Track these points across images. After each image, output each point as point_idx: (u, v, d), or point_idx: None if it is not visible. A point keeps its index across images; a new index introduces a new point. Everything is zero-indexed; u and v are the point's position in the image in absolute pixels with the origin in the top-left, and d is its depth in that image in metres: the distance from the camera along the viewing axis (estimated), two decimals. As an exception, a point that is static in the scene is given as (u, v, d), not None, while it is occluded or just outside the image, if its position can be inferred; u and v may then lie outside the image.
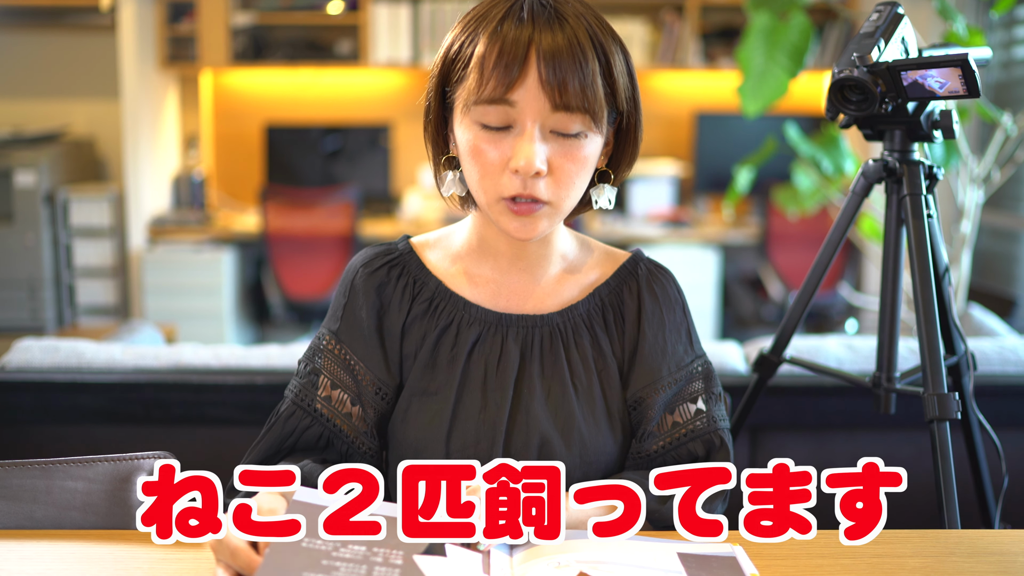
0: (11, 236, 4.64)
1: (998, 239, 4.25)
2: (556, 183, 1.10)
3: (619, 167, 1.19)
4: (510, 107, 1.07)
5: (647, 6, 5.00)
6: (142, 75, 4.75)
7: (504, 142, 1.09)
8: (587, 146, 1.10)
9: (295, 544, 0.92)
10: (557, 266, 1.24)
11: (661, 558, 1.00)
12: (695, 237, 4.78)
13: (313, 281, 4.58)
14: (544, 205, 1.10)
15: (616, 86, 1.10)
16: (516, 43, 1.05)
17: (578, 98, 1.06)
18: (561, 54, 1.05)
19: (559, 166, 1.09)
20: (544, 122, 1.07)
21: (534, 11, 1.08)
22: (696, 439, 1.21)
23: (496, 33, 1.07)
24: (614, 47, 1.10)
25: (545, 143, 1.08)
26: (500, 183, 1.10)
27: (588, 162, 1.11)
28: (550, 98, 1.06)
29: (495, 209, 1.12)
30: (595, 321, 1.23)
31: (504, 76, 1.05)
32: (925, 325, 1.43)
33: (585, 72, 1.06)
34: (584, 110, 1.07)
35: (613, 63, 1.09)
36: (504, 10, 1.08)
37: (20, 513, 1.11)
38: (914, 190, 1.47)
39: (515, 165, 1.07)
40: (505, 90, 1.06)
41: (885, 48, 1.41)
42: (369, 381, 1.20)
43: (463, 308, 1.22)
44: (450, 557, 0.94)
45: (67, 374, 1.90)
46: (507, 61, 1.05)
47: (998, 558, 1.04)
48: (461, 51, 1.10)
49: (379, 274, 1.24)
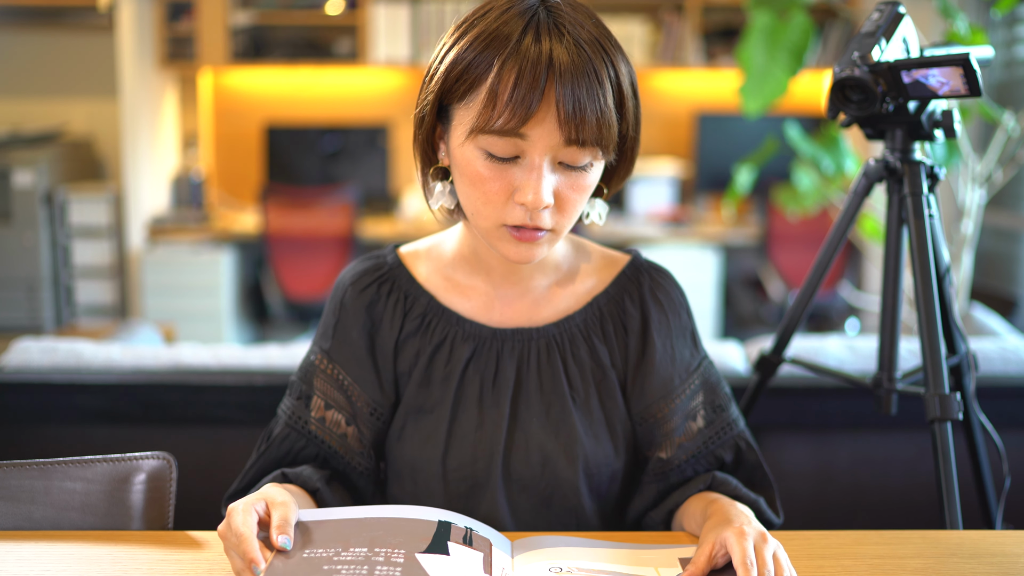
0: (9, 236, 4.64)
1: (1000, 239, 4.24)
2: (560, 212, 1.07)
3: (613, 182, 1.16)
4: (521, 140, 1.02)
5: (647, 6, 4.99)
6: (141, 74, 4.75)
7: (510, 172, 1.04)
8: (592, 174, 1.07)
9: (295, 557, 0.92)
10: (551, 276, 1.21)
11: (662, 562, 0.99)
12: (695, 237, 4.77)
13: (312, 281, 4.58)
14: (546, 232, 1.08)
15: (626, 114, 1.06)
16: (534, 74, 0.99)
17: (594, 134, 1.02)
18: (580, 85, 1.00)
19: (565, 197, 1.06)
20: (554, 155, 1.04)
21: (550, 32, 1.01)
22: (722, 444, 1.21)
23: (511, 58, 1.00)
24: (623, 66, 1.05)
25: (553, 174, 1.05)
26: (503, 212, 1.06)
27: (591, 188, 1.09)
28: (565, 135, 1.01)
29: (495, 235, 1.09)
30: (592, 331, 1.20)
31: (520, 110, 1.00)
32: (926, 325, 1.43)
33: (603, 106, 1.01)
34: (597, 144, 1.03)
35: (624, 88, 1.05)
36: (519, 29, 1.02)
37: (18, 514, 1.10)
38: (915, 190, 1.47)
39: (522, 200, 1.04)
40: (519, 124, 1.01)
41: (886, 47, 1.41)
42: (364, 402, 1.18)
43: (456, 324, 1.19)
44: (452, 555, 0.94)
45: (65, 374, 1.90)
46: (524, 94, 0.99)
47: (1000, 559, 1.04)
48: (468, 71, 1.03)
49: (369, 292, 1.21)
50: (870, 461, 1.87)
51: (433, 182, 1.14)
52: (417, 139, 1.12)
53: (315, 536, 0.95)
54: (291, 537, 0.93)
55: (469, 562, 0.94)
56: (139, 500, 1.12)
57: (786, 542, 1.04)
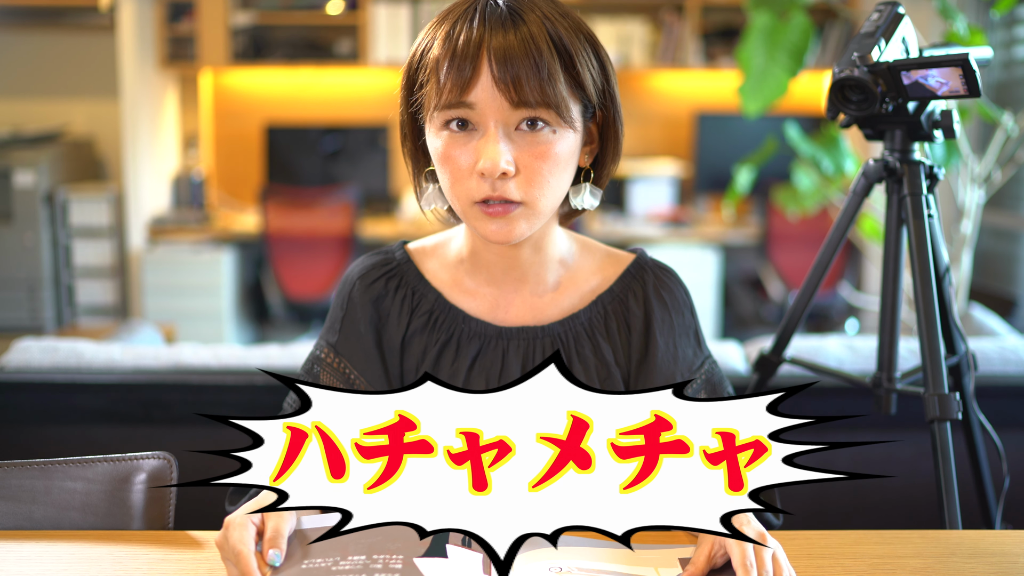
0: (10, 236, 4.64)
1: (999, 239, 4.25)
2: (527, 182, 1.07)
3: (603, 164, 1.16)
4: (469, 109, 1.05)
5: (647, 6, 4.99)
6: (141, 75, 4.75)
7: (470, 145, 1.06)
8: (557, 143, 1.07)
9: (294, 569, 0.92)
10: (555, 273, 1.22)
11: (662, 562, 1.00)
12: (695, 237, 4.77)
13: (313, 281, 4.58)
14: (518, 206, 1.07)
15: (581, 78, 1.07)
16: (467, 44, 1.04)
17: (536, 93, 1.03)
18: (513, 51, 1.03)
19: (528, 164, 1.06)
20: (507, 121, 1.05)
21: (487, 12, 1.06)
22: None
23: (448, 36, 1.05)
24: (579, 41, 1.07)
25: (511, 142, 1.06)
26: (470, 187, 1.07)
27: (561, 159, 1.08)
28: (506, 96, 1.03)
29: (470, 214, 1.10)
30: (597, 329, 1.20)
31: (458, 78, 1.04)
32: (926, 325, 1.43)
33: (541, 67, 1.03)
34: (545, 104, 1.04)
35: (576, 56, 1.06)
36: (459, 14, 1.07)
37: (19, 513, 1.11)
38: (915, 190, 1.47)
39: (481, 167, 1.05)
40: (460, 92, 1.04)
41: (886, 48, 1.41)
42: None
43: (463, 322, 1.19)
44: (450, 558, 0.94)
45: (66, 374, 1.90)
46: (459, 63, 1.04)
47: (999, 559, 1.04)
48: (422, 58, 1.09)
49: (376, 286, 1.21)
50: (870, 461, 1.87)
51: (426, 184, 1.16)
52: (404, 143, 1.16)
53: (313, 545, 0.95)
54: (282, 551, 0.93)
55: (468, 563, 0.94)
56: (139, 500, 1.12)
57: (786, 542, 1.04)
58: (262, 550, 0.94)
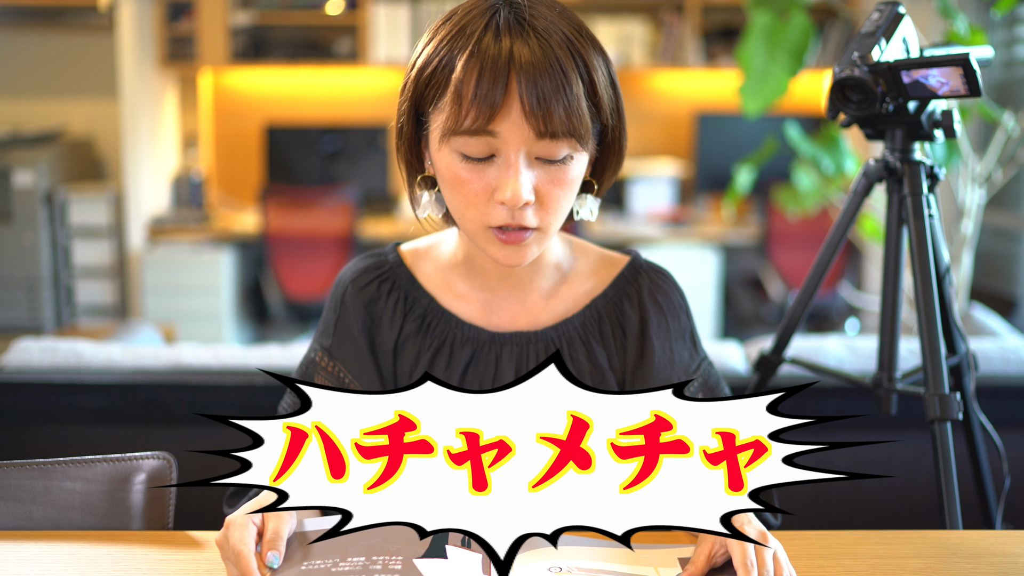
0: (9, 236, 4.64)
1: (999, 239, 4.24)
2: (544, 209, 1.05)
3: (603, 176, 1.15)
4: (492, 137, 1.01)
5: (647, 6, 4.99)
6: (141, 75, 4.75)
7: (488, 172, 1.03)
8: (573, 168, 1.05)
9: (293, 570, 0.92)
10: (550, 278, 1.20)
11: (662, 562, 1.00)
12: (695, 237, 4.77)
13: (312, 281, 4.58)
14: (533, 231, 1.06)
15: (601, 103, 1.05)
16: (495, 70, 0.99)
17: (564, 125, 1.00)
18: (543, 78, 0.99)
19: (546, 192, 1.04)
20: (529, 150, 1.02)
21: (511, 29, 1.01)
22: None
23: (473, 57, 1.00)
24: (595, 58, 1.05)
25: (531, 170, 1.03)
26: (486, 213, 1.05)
27: (575, 183, 1.07)
28: (534, 128, 1.00)
29: (481, 237, 1.08)
30: (591, 334, 1.19)
31: (485, 107, 0.99)
32: (926, 325, 1.43)
33: (570, 96, 1.00)
34: (570, 135, 1.02)
35: (596, 79, 1.04)
36: (480, 27, 1.02)
37: (18, 514, 1.10)
38: (915, 190, 1.47)
39: (501, 198, 1.02)
40: (486, 121, 1.00)
41: (886, 47, 1.41)
42: None
43: (456, 326, 1.18)
44: (450, 559, 0.94)
45: (66, 374, 1.90)
46: (487, 90, 0.99)
47: (1000, 559, 1.04)
48: (436, 73, 1.03)
49: (369, 290, 1.21)
50: (870, 461, 1.87)
51: (420, 191, 1.14)
52: (400, 150, 1.12)
53: (313, 547, 0.95)
54: (281, 552, 0.93)
55: (468, 564, 0.94)
56: (139, 500, 1.12)
57: (786, 542, 1.04)
58: (261, 551, 0.94)
